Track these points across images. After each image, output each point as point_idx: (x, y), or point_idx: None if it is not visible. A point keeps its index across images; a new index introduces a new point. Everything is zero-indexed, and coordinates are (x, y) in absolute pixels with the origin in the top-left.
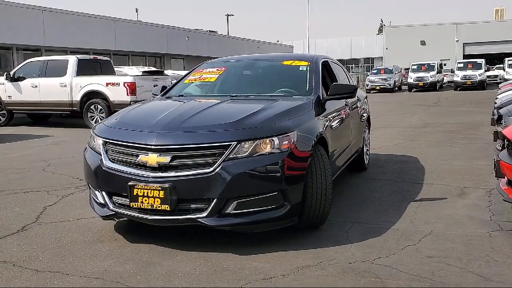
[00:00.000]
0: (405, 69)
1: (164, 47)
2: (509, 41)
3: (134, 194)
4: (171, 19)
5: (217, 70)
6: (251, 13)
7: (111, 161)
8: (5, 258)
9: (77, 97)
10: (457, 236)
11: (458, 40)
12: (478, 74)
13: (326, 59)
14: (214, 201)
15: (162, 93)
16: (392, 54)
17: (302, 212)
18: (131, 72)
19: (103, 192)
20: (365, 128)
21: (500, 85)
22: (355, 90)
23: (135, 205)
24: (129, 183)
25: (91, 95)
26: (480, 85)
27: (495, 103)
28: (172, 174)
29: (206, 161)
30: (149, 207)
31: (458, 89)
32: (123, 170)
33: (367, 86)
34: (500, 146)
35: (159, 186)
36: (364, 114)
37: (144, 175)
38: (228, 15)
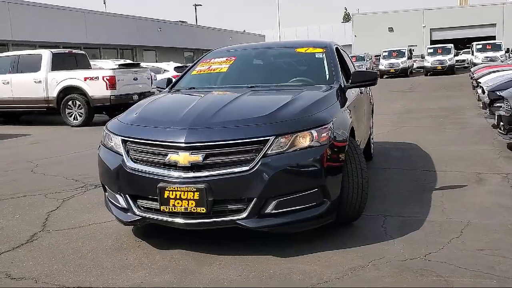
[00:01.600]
0: (375, 56)
1: (136, 38)
2: (474, 26)
3: (165, 197)
4: (138, 10)
5: (226, 60)
6: (219, 2)
7: (135, 162)
8: (23, 273)
9: (54, 93)
10: (496, 225)
11: (425, 26)
12: (448, 59)
13: (337, 45)
14: (254, 200)
15: (170, 86)
16: (360, 41)
17: (339, 207)
18: (106, 65)
19: (127, 196)
20: (371, 116)
21: (472, 69)
22: (376, 78)
23: (166, 208)
24: (159, 185)
25: (69, 91)
26: (450, 70)
27: (477, 86)
28: (207, 173)
29: (243, 158)
30: (183, 210)
31: (429, 74)
32: (150, 171)
33: None
34: (504, 129)
35: (194, 187)
36: (371, 101)
37: (176, 176)
38: (196, 5)
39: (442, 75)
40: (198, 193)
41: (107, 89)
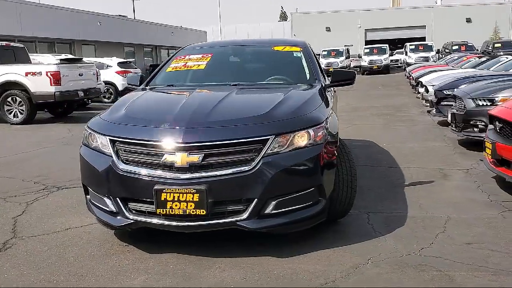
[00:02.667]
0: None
1: (74, 32)
2: (405, 27)
3: (162, 199)
4: (77, 2)
5: (202, 57)
6: None
7: (126, 163)
8: (7, 284)
9: None
10: (475, 220)
11: (360, 27)
12: (383, 59)
13: (308, 44)
14: (255, 201)
15: (145, 83)
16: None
17: (330, 205)
18: (46, 60)
19: (117, 199)
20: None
21: (408, 69)
22: (355, 77)
23: (163, 211)
24: (155, 187)
25: (8, 86)
26: (386, 69)
27: (417, 85)
28: (207, 174)
29: (243, 158)
30: (180, 213)
31: (365, 73)
32: (145, 173)
33: None
34: (457, 127)
35: (194, 189)
36: (337, 101)
37: (173, 177)
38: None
39: (378, 74)
40: (198, 194)
41: (51, 85)
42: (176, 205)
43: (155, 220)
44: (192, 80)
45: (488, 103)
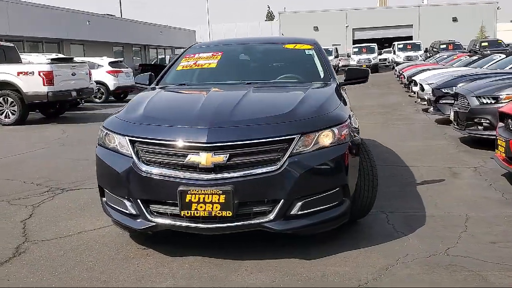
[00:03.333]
0: None
1: (63, 32)
2: (393, 26)
3: (187, 201)
4: (65, 1)
5: (212, 55)
6: None
7: (147, 164)
8: None
9: None
10: (495, 218)
11: (347, 26)
12: (372, 58)
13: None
14: (281, 202)
15: (155, 82)
16: None
17: (352, 205)
18: (37, 59)
19: (138, 201)
20: None
21: (398, 68)
22: (368, 75)
23: (187, 213)
24: (179, 189)
25: None
26: (374, 68)
27: (409, 83)
28: (233, 175)
29: (268, 158)
30: (206, 215)
31: None
32: (168, 174)
33: None
34: (461, 126)
35: (220, 190)
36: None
37: (198, 178)
38: None
39: None
40: (224, 196)
41: (44, 85)
42: (201, 207)
43: (178, 223)
44: (204, 79)
45: (492, 101)
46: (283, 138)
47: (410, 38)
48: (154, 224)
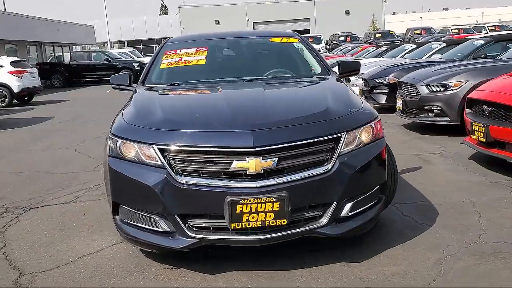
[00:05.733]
0: None
1: None
2: (290, 20)
3: (237, 212)
4: None
5: (197, 50)
6: None
7: (184, 175)
8: None
9: None
10: (497, 201)
11: (248, 20)
12: None
13: None
14: (333, 205)
15: (141, 82)
16: (188, 33)
17: None
18: None
19: (175, 217)
20: None
21: None
22: (360, 67)
23: (238, 225)
24: (229, 199)
25: None
26: None
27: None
28: (284, 180)
29: (317, 160)
30: (259, 225)
31: None
32: (212, 184)
33: None
34: (409, 113)
35: (274, 197)
36: None
37: (248, 186)
38: None
39: None
40: (278, 203)
41: None
42: (253, 217)
43: (226, 236)
44: (198, 77)
45: (442, 89)
46: (331, 137)
47: (307, 31)
48: (197, 240)
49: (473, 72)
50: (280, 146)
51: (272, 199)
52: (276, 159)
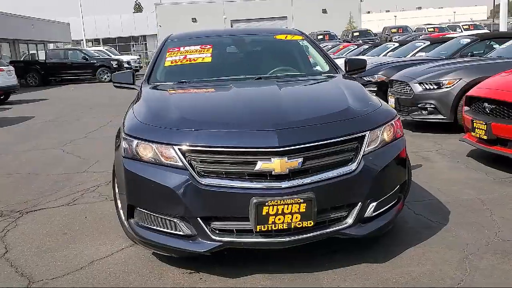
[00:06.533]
0: None
1: None
2: (268, 18)
3: (263, 213)
4: None
5: (201, 48)
6: None
7: (206, 176)
8: None
9: None
10: (504, 198)
11: (226, 18)
12: None
13: None
14: (358, 205)
15: (146, 81)
16: (165, 31)
17: None
18: None
19: (198, 220)
20: None
21: None
22: (366, 64)
23: (264, 227)
24: (255, 201)
25: None
26: None
27: None
28: (310, 180)
29: (342, 159)
30: (285, 227)
31: None
32: (237, 186)
33: None
34: (403, 111)
35: (300, 198)
36: None
37: (273, 187)
38: None
39: None
40: (305, 204)
41: None
42: (279, 219)
43: (250, 239)
44: (205, 74)
45: (435, 87)
46: (356, 136)
47: None
48: (220, 243)
49: (466, 70)
50: (305, 145)
51: (299, 200)
52: (301, 159)
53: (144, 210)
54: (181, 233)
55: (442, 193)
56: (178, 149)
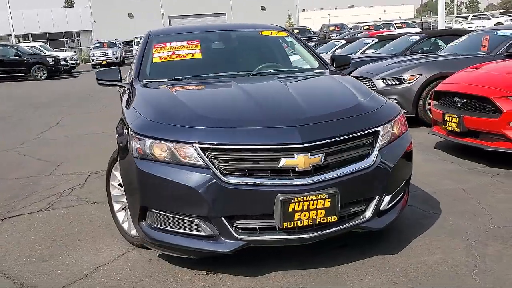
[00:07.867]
0: (124, 42)
1: None
2: (207, 14)
3: (290, 210)
4: None
5: (188, 44)
6: None
7: (229, 174)
8: None
9: None
10: (484, 187)
11: (163, 13)
12: None
13: None
14: (376, 199)
15: (137, 78)
16: (101, 27)
17: None
18: None
19: (221, 219)
20: None
21: None
22: (351, 61)
23: (290, 224)
24: (281, 198)
25: None
26: None
27: None
28: (332, 175)
29: (360, 154)
30: (310, 223)
31: None
32: (262, 183)
33: (92, 60)
34: None
35: (325, 194)
36: None
37: (298, 183)
38: None
39: None
40: (329, 200)
41: None
42: (304, 215)
43: (275, 237)
44: (198, 71)
45: (397, 82)
46: (372, 130)
47: None
48: (245, 242)
49: (426, 66)
50: (326, 141)
51: (324, 195)
52: (323, 154)
53: (159, 212)
54: (202, 233)
55: (425, 184)
56: (199, 147)
